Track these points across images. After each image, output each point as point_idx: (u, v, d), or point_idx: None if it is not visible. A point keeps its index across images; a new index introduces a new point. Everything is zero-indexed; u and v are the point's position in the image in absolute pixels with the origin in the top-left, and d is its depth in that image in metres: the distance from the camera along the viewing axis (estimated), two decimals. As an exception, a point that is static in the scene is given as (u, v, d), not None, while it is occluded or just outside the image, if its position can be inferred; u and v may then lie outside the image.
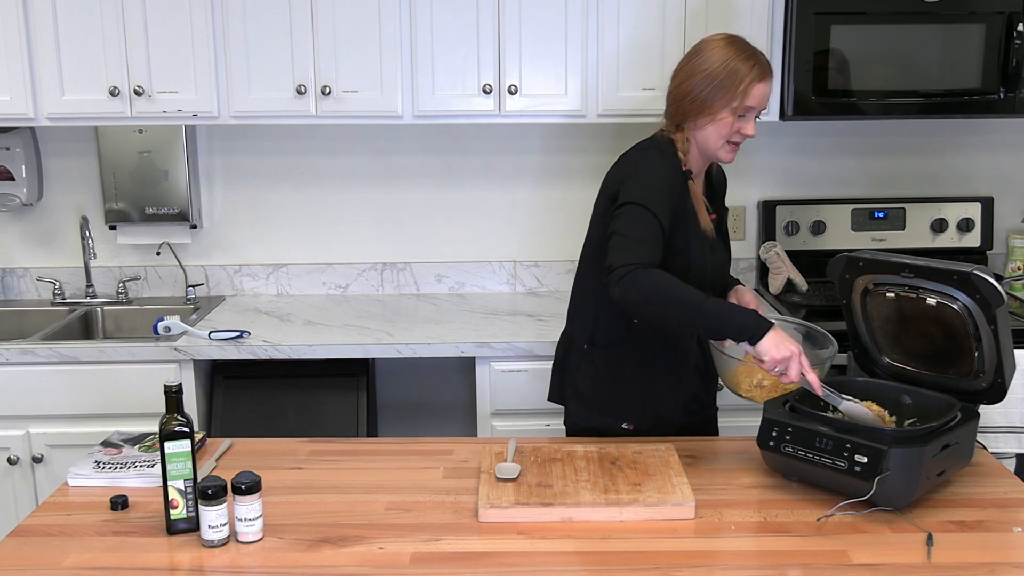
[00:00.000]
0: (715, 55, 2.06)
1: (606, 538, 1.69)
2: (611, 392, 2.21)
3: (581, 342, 2.24)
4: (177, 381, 1.71)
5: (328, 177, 3.27)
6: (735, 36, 2.10)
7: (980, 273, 1.79)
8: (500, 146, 3.26)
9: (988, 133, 3.28)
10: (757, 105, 2.07)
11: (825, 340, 2.12)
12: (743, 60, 2.04)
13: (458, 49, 2.85)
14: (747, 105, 2.05)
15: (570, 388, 2.28)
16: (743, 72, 2.03)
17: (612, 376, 2.20)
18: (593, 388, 2.23)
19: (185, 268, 3.28)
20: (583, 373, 2.24)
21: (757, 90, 2.04)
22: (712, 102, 2.05)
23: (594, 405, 2.23)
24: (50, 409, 2.74)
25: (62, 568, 1.60)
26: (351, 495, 1.86)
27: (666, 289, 1.90)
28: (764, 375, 2.00)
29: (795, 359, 1.85)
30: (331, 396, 2.81)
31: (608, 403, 2.21)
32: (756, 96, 2.05)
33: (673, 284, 1.91)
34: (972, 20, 2.81)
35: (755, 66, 2.04)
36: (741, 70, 2.03)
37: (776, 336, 1.86)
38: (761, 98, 2.07)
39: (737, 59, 2.04)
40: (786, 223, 3.23)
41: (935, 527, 1.70)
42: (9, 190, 3.15)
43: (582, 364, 2.24)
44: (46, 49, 2.82)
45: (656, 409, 2.20)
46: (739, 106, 2.04)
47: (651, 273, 1.91)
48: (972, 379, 1.91)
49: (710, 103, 2.05)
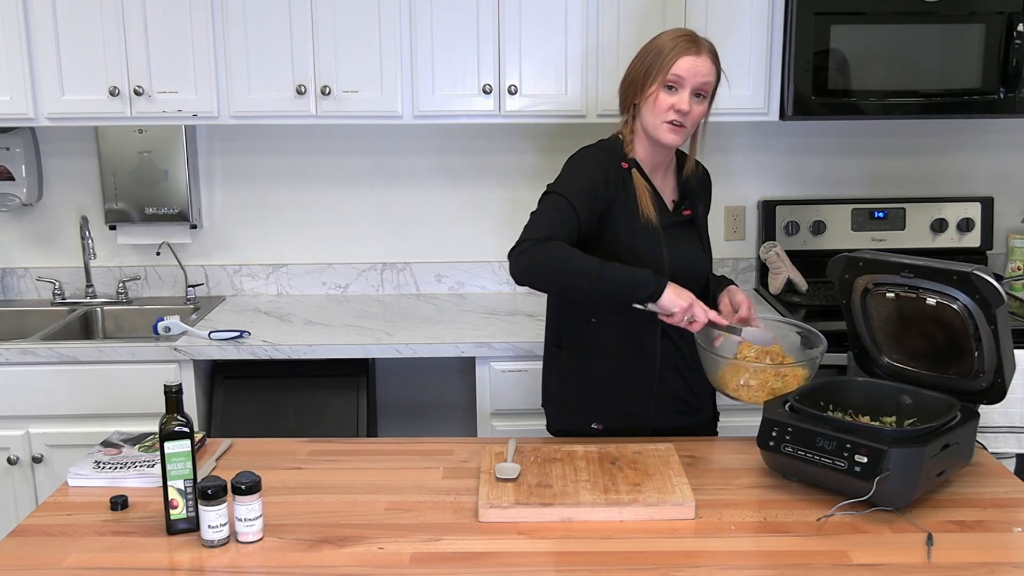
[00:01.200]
0: (652, 41, 2.11)
1: (606, 538, 1.68)
2: (578, 393, 2.22)
3: (551, 345, 2.27)
4: (177, 381, 1.71)
5: (328, 177, 3.27)
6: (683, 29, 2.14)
7: (980, 273, 1.79)
8: (500, 146, 3.26)
9: (988, 133, 3.28)
10: (687, 76, 2.05)
11: (815, 338, 2.11)
12: (671, 37, 2.08)
13: (458, 49, 2.85)
14: (675, 75, 2.04)
15: (545, 392, 2.30)
16: (668, 46, 2.06)
17: (578, 377, 2.21)
18: (562, 390, 2.24)
19: (185, 268, 3.28)
20: (553, 376, 2.26)
21: (685, 62, 2.04)
22: (644, 81, 2.08)
23: (565, 407, 2.25)
24: (50, 409, 2.74)
25: (62, 568, 1.60)
26: (351, 495, 1.86)
27: (562, 260, 1.95)
28: (751, 374, 2.01)
29: (695, 304, 1.95)
30: (331, 396, 2.81)
31: (577, 404, 2.22)
32: (683, 67, 2.04)
33: (571, 254, 1.96)
34: (972, 20, 2.81)
35: (682, 38, 2.06)
36: (667, 45, 2.06)
37: (673, 289, 1.95)
38: (690, 69, 2.04)
39: (669, 38, 2.08)
40: (786, 223, 3.23)
41: (935, 527, 1.70)
42: (9, 190, 3.15)
43: (552, 367, 2.27)
44: (46, 49, 2.82)
45: (625, 408, 2.19)
46: (664, 79, 2.05)
47: (548, 245, 1.96)
48: (972, 379, 1.91)
49: (641, 81, 2.09)
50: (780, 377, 2.01)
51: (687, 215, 2.20)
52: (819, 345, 2.08)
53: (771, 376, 2.01)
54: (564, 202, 2.04)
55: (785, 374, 2.01)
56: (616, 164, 2.13)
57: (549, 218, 2.03)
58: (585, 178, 2.09)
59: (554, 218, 2.02)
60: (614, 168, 2.12)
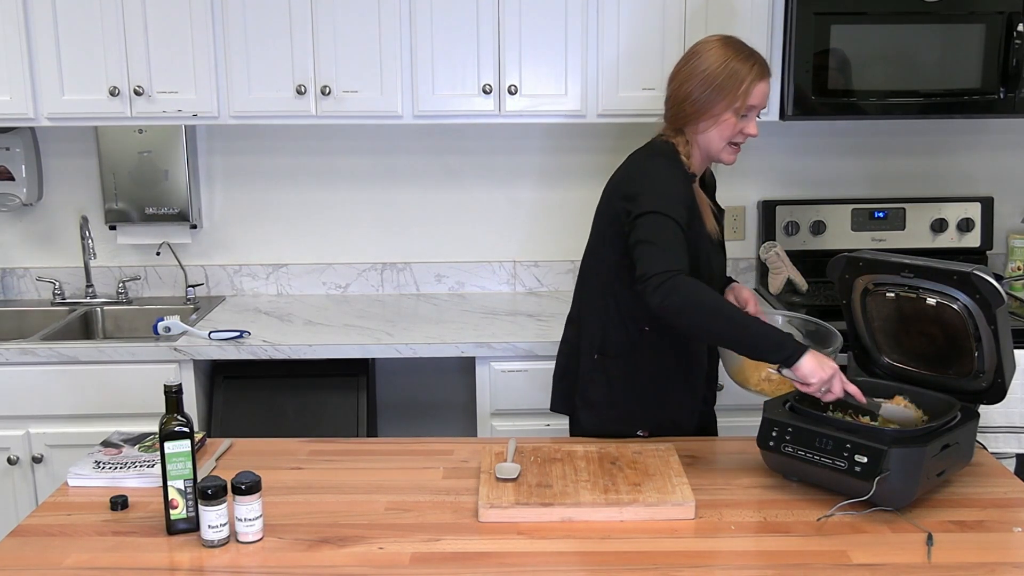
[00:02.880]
0: (713, 56, 2.05)
1: (606, 538, 1.69)
2: (626, 400, 2.17)
3: (591, 352, 2.20)
4: (177, 381, 1.71)
5: (328, 177, 3.27)
6: (731, 37, 2.11)
7: (980, 273, 1.79)
8: (500, 146, 3.26)
9: (988, 133, 3.28)
10: (758, 104, 2.08)
11: (829, 335, 2.12)
12: (742, 60, 2.04)
13: (458, 49, 2.85)
14: (749, 105, 2.05)
15: (580, 398, 2.23)
16: (743, 72, 2.03)
17: (626, 385, 2.17)
18: (607, 397, 2.19)
19: (185, 268, 3.27)
20: (595, 383, 2.20)
21: (758, 89, 2.05)
22: (713, 104, 2.04)
23: (608, 414, 2.19)
24: (50, 409, 2.74)
25: (62, 568, 1.60)
26: (351, 495, 1.86)
27: (704, 298, 1.89)
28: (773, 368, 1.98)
29: (837, 377, 1.86)
30: (331, 396, 2.81)
31: (623, 411, 2.18)
32: (758, 95, 2.06)
33: (710, 293, 1.90)
34: (972, 20, 2.81)
35: (755, 65, 2.05)
36: (741, 70, 2.03)
37: (814, 357, 1.85)
38: (762, 97, 2.07)
39: (736, 59, 2.04)
40: (786, 223, 3.23)
41: (935, 527, 1.70)
42: (9, 190, 3.15)
43: (594, 375, 2.20)
44: (46, 49, 2.82)
45: (671, 415, 2.18)
46: (741, 106, 2.05)
47: (689, 281, 1.89)
48: (972, 379, 1.91)
49: (711, 105, 2.04)
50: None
51: None
52: (834, 341, 2.08)
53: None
54: (672, 223, 1.97)
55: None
56: (686, 175, 2.09)
57: (670, 245, 1.95)
58: (677, 193, 2.04)
59: (674, 244, 1.95)
60: (687, 180, 2.08)
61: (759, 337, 1.87)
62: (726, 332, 1.90)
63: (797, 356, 1.84)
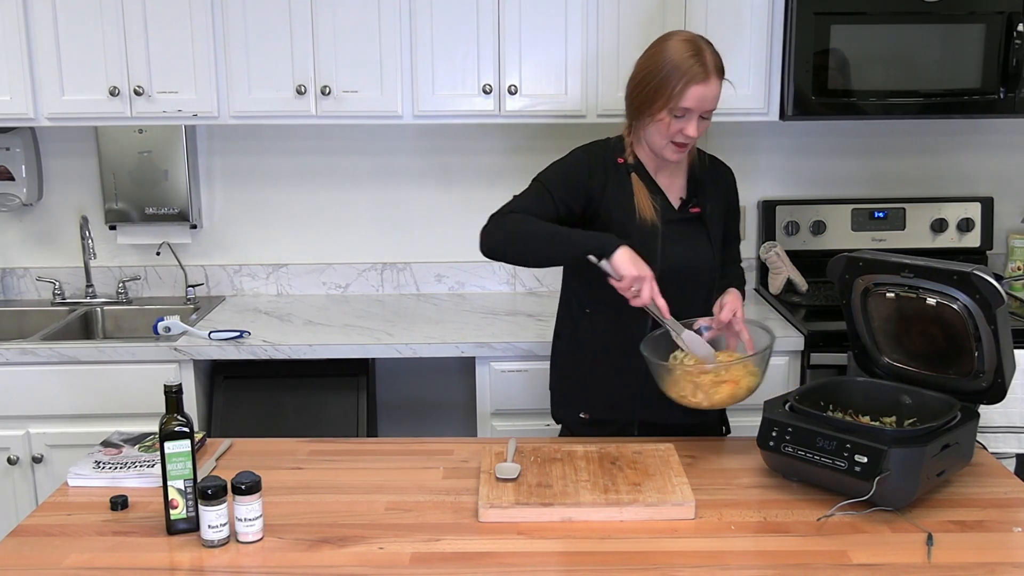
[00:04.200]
0: (660, 55, 2.04)
1: (606, 538, 1.69)
2: (570, 382, 2.27)
3: (555, 335, 2.32)
4: (177, 381, 1.71)
5: (328, 177, 3.27)
6: (691, 35, 2.07)
7: (980, 273, 1.79)
8: (500, 146, 3.26)
9: (988, 133, 3.28)
10: (695, 107, 2.02)
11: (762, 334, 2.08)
12: (683, 60, 2.00)
13: (458, 49, 2.85)
14: (682, 107, 2.01)
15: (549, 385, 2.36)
16: (679, 73, 1.99)
17: (570, 366, 2.26)
18: (557, 378, 2.31)
19: (185, 268, 3.27)
20: (552, 367, 2.33)
21: (693, 92, 1.99)
22: (650, 103, 2.04)
23: (559, 395, 2.31)
24: (50, 409, 2.74)
25: (62, 568, 1.60)
26: (351, 495, 1.86)
27: (521, 226, 2.03)
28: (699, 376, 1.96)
29: (647, 280, 1.94)
30: (331, 396, 2.81)
31: (568, 392, 2.28)
32: (692, 98, 2.00)
33: (529, 220, 2.03)
34: (972, 20, 2.81)
35: (693, 67, 1.99)
36: (677, 72, 1.99)
37: (629, 253, 1.95)
38: (698, 100, 2.01)
39: (678, 59, 2.00)
40: (786, 223, 3.23)
41: (935, 527, 1.70)
42: (9, 190, 3.15)
43: (554, 356, 2.32)
44: (46, 49, 2.82)
45: (610, 399, 2.20)
46: (675, 107, 2.01)
47: (509, 216, 2.06)
48: (972, 379, 1.91)
49: (648, 103, 2.05)
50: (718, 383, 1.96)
51: (695, 212, 2.19)
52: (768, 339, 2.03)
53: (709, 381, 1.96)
54: (540, 186, 2.12)
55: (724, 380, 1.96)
56: (609, 159, 2.15)
57: (522, 198, 2.12)
58: (564, 167, 2.16)
59: (526, 198, 2.11)
60: (604, 162, 2.15)
61: (579, 237, 2.00)
62: (546, 247, 2.04)
63: (613, 247, 1.94)
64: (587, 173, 2.13)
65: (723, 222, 2.26)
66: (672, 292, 2.02)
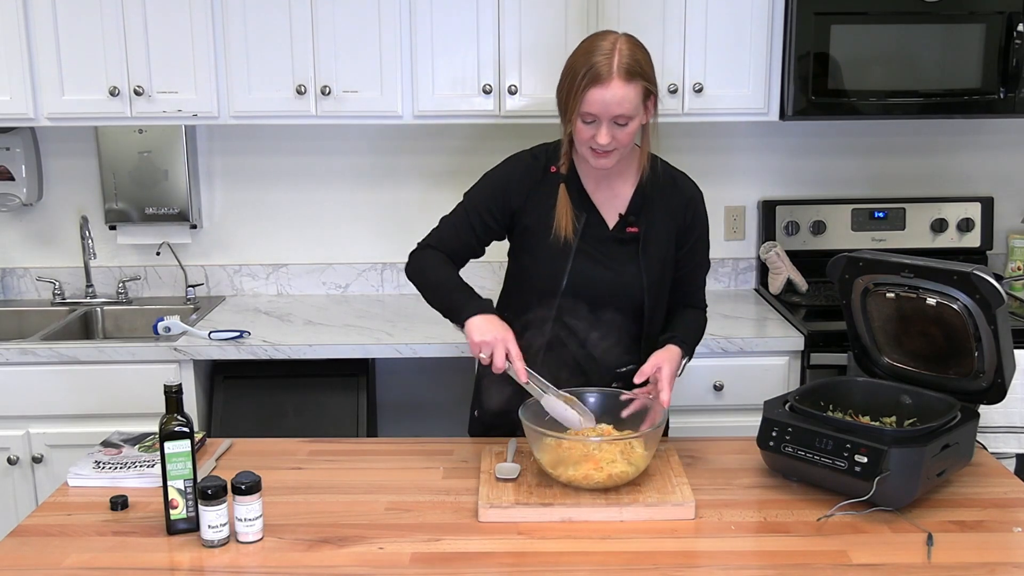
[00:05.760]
0: (571, 57, 1.93)
1: (606, 538, 1.68)
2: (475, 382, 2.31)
3: None
4: (177, 381, 1.71)
5: (328, 177, 3.27)
6: (608, 34, 1.92)
7: (980, 273, 1.79)
8: (500, 146, 3.24)
9: (988, 133, 3.28)
10: (599, 112, 1.86)
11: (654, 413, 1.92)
12: (585, 62, 1.86)
13: (458, 49, 2.85)
14: (586, 112, 1.87)
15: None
16: (580, 76, 1.86)
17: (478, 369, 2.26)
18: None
19: (185, 268, 3.27)
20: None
21: (593, 96, 1.84)
22: (563, 107, 1.93)
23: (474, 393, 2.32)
24: (50, 409, 2.74)
25: (62, 568, 1.60)
26: (351, 495, 1.86)
27: (425, 272, 2.07)
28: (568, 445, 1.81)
29: (499, 344, 1.86)
30: (331, 396, 2.81)
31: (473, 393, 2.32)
32: (592, 102, 1.85)
33: (431, 264, 2.06)
34: (972, 20, 2.81)
35: (593, 69, 1.84)
36: (579, 74, 1.86)
37: (483, 320, 1.90)
38: (601, 104, 1.85)
39: (581, 61, 1.87)
40: (786, 223, 3.23)
41: (935, 527, 1.70)
42: (9, 190, 3.15)
43: None
44: (46, 49, 2.82)
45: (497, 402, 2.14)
46: (581, 112, 1.88)
47: (421, 253, 2.10)
48: (972, 379, 1.91)
49: (563, 108, 1.93)
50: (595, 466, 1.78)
51: (632, 232, 2.03)
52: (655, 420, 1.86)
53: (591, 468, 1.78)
54: (462, 210, 2.11)
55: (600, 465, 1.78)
56: (540, 169, 2.05)
57: (446, 225, 2.12)
58: (489, 185, 2.10)
59: (448, 225, 2.11)
60: (534, 171, 2.05)
61: (452, 299, 1.99)
62: (433, 300, 2.06)
63: (468, 315, 1.91)
64: (509, 189, 2.04)
65: (674, 246, 2.07)
66: (582, 317, 2.01)
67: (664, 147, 2.07)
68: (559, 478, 1.81)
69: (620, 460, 1.78)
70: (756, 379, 2.73)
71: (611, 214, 2.06)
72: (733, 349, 2.72)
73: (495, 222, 2.08)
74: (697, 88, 2.86)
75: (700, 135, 3.21)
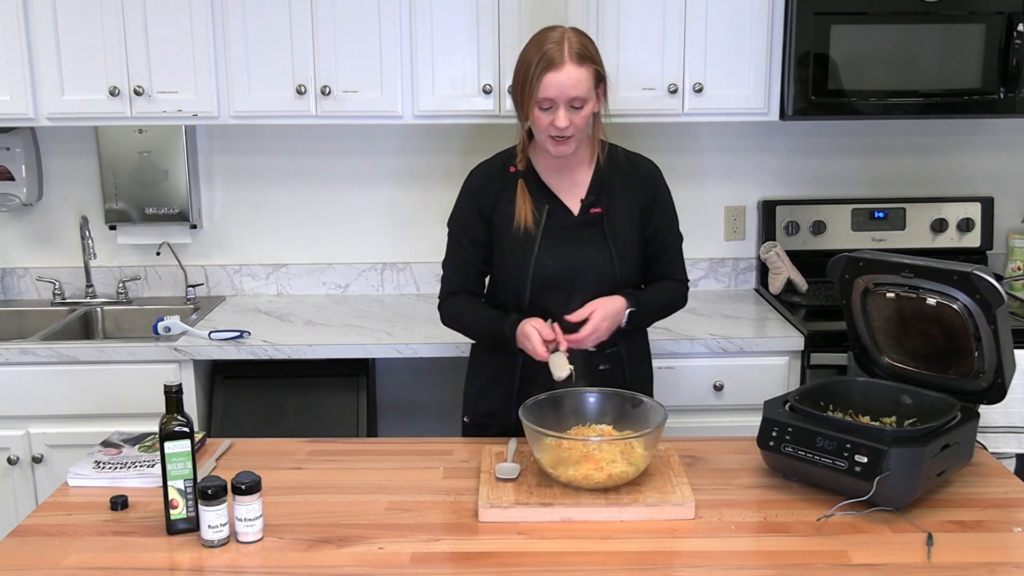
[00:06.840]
0: (523, 51, 2.05)
1: (606, 538, 1.68)
2: (466, 389, 2.35)
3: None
4: (177, 381, 1.71)
5: (328, 177, 3.27)
6: (557, 27, 2.05)
7: (980, 273, 1.79)
8: (500, 146, 3.24)
9: (988, 133, 3.28)
10: (556, 96, 1.97)
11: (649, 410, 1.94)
12: (537, 51, 1.99)
13: (458, 49, 2.85)
14: (543, 98, 1.98)
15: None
16: (533, 64, 1.98)
17: (466, 374, 2.35)
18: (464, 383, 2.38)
19: (185, 268, 3.27)
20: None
21: (549, 80, 1.96)
22: (521, 100, 2.04)
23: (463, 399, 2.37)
24: (50, 409, 2.74)
25: (62, 568, 1.60)
26: (351, 495, 1.86)
27: (455, 318, 2.20)
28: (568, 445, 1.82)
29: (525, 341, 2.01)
30: (331, 396, 2.81)
31: (464, 399, 2.35)
32: (549, 87, 1.97)
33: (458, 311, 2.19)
34: (972, 20, 2.81)
35: (546, 55, 1.96)
36: (532, 62, 1.98)
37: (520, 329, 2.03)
38: (557, 88, 1.97)
39: (532, 51, 2.00)
40: (786, 223, 3.23)
41: (935, 527, 1.70)
42: (9, 190, 3.15)
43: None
44: (46, 49, 2.82)
45: (487, 405, 2.25)
46: (538, 99, 1.99)
47: (445, 306, 2.21)
48: (972, 379, 1.91)
49: (520, 101, 2.05)
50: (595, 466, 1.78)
51: (596, 213, 2.13)
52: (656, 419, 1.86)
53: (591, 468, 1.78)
54: (453, 240, 2.20)
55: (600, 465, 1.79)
56: (501, 172, 2.18)
57: (450, 264, 2.21)
58: (459, 209, 2.20)
59: (453, 263, 2.20)
60: (496, 177, 2.17)
61: (494, 335, 2.11)
62: (482, 341, 2.22)
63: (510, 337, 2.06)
64: (479, 199, 2.16)
65: (641, 221, 2.16)
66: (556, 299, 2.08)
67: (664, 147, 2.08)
68: (559, 478, 1.81)
69: (620, 460, 1.79)
70: (756, 379, 2.73)
71: (573, 201, 2.15)
72: (733, 349, 2.72)
73: (482, 234, 2.17)
74: (697, 88, 2.86)
75: (700, 135, 3.21)
